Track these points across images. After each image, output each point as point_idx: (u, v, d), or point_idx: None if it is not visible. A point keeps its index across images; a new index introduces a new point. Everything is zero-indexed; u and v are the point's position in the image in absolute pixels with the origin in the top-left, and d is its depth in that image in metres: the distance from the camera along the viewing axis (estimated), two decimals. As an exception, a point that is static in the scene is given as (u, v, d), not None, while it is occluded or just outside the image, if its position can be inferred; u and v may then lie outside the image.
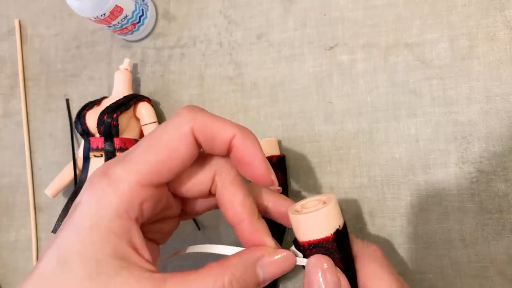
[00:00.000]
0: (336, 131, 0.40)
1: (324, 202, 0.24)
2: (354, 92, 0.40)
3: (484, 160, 0.37)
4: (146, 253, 0.21)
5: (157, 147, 0.21)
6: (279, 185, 0.39)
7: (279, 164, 0.39)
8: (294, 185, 0.41)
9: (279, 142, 0.41)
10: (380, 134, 0.39)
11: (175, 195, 0.24)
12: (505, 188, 0.36)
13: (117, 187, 0.20)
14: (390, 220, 0.38)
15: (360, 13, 0.41)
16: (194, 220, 0.43)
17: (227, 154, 0.23)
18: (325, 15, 0.42)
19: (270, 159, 0.38)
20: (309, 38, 0.42)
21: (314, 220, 0.22)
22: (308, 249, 0.23)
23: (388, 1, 0.41)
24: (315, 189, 0.40)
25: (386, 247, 0.38)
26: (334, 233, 0.22)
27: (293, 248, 0.24)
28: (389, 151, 0.39)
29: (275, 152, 0.39)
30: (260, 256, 0.22)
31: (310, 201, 0.24)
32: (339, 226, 0.23)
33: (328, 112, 0.41)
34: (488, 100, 0.37)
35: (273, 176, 0.23)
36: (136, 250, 0.20)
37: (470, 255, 0.36)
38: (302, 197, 0.40)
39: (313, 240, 0.22)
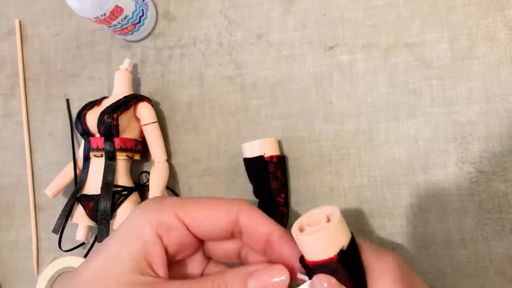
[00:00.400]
0: (336, 131, 0.40)
1: (328, 218, 0.23)
2: (354, 92, 0.40)
3: (484, 160, 0.37)
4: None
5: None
6: (279, 185, 0.39)
7: (279, 164, 0.39)
8: (294, 185, 0.41)
9: (279, 142, 0.41)
10: (380, 134, 0.39)
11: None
12: (504, 188, 0.36)
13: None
14: (390, 220, 0.38)
15: (360, 13, 0.41)
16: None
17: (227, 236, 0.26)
18: (325, 15, 0.42)
19: (270, 159, 0.38)
20: (309, 38, 0.42)
21: (317, 242, 0.22)
22: (313, 269, 0.22)
23: (388, 1, 0.41)
24: (315, 189, 0.40)
25: (386, 247, 0.38)
26: (338, 253, 0.22)
27: (299, 266, 0.23)
28: (389, 151, 0.39)
29: (275, 152, 0.39)
30: (255, 270, 0.23)
31: (314, 215, 0.23)
32: (343, 246, 0.22)
33: (328, 112, 0.41)
34: (487, 100, 0.37)
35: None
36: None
37: (470, 255, 0.36)
38: (302, 197, 0.40)
39: (317, 261, 0.22)
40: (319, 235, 0.21)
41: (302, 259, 0.23)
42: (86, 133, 0.43)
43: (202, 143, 0.44)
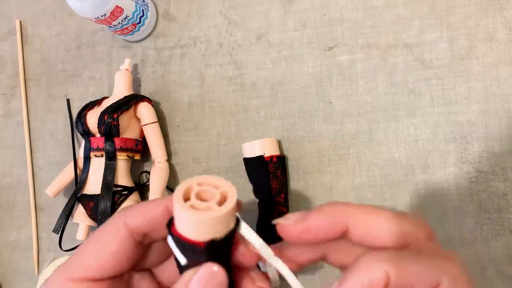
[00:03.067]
0: (336, 131, 0.40)
1: (222, 197, 0.20)
2: (353, 92, 0.40)
3: (483, 160, 0.37)
4: None
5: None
6: (279, 185, 0.39)
7: (279, 164, 0.39)
8: (294, 185, 0.41)
9: (279, 142, 0.42)
10: (379, 134, 0.39)
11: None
12: (504, 188, 0.36)
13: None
14: (389, 219, 0.38)
15: (360, 13, 0.41)
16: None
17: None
18: (324, 15, 0.42)
19: (270, 159, 0.39)
20: (308, 38, 0.42)
21: (195, 222, 0.19)
22: (176, 240, 0.20)
23: (388, 1, 0.41)
24: (315, 189, 0.40)
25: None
26: (207, 242, 0.19)
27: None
28: (389, 151, 0.39)
29: (275, 152, 0.39)
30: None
31: (207, 186, 0.20)
32: (217, 237, 0.19)
33: (328, 112, 0.41)
34: (487, 100, 0.37)
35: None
36: None
37: (469, 255, 0.36)
38: (302, 197, 0.41)
39: (184, 237, 0.19)
40: (202, 217, 0.19)
41: (170, 224, 0.21)
42: (87, 133, 0.43)
43: (202, 143, 0.44)
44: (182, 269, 0.20)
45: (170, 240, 0.20)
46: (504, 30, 0.38)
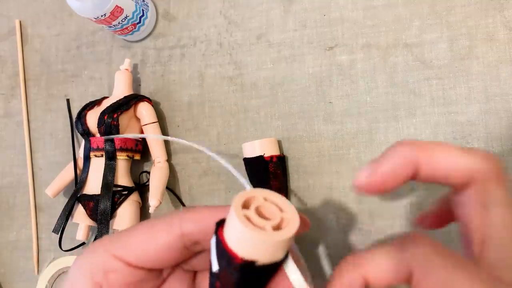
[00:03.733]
0: (336, 131, 0.40)
1: (282, 224, 0.18)
2: (353, 92, 0.40)
3: (484, 160, 0.37)
4: None
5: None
6: (279, 185, 0.39)
7: (279, 164, 0.39)
8: (294, 185, 0.41)
9: (279, 142, 0.42)
10: (379, 134, 0.39)
11: None
12: (504, 188, 0.36)
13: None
14: (390, 220, 0.38)
15: (360, 13, 0.41)
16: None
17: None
18: (324, 15, 0.42)
19: (270, 159, 0.39)
20: (308, 38, 0.42)
21: (247, 238, 0.17)
22: (219, 244, 0.19)
23: (388, 1, 0.41)
24: (315, 189, 0.40)
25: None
26: (245, 260, 0.18)
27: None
28: (389, 151, 0.39)
29: (275, 152, 0.39)
30: None
31: (268, 202, 0.19)
32: (258, 260, 0.18)
33: (328, 112, 0.41)
34: (487, 100, 0.37)
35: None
36: None
37: (470, 255, 0.36)
38: (302, 197, 0.41)
39: (226, 246, 0.18)
40: (251, 234, 0.17)
41: (219, 225, 0.19)
42: (87, 133, 0.43)
43: (202, 143, 0.44)
44: (212, 276, 0.19)
45: (212, 241, 0.19)
46: (504, 30, 0.38)
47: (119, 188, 0.42)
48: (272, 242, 0.17)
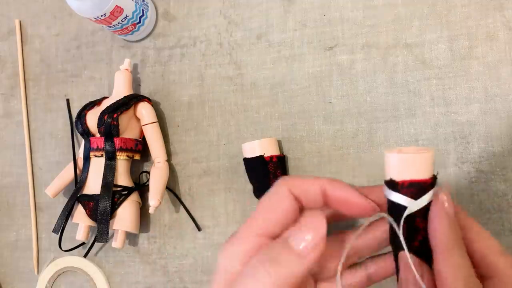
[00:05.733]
0: (336, 131, 0.40)
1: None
2: (353, 92, 0.40)
3: (484, 160, 0.37)
4: None
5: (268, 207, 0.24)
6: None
7: (279, 164, 0.39)
8: (294, 185, 0.41)
9: (279, 142, 0.42)
10: (379, 134, 0.39)
11: None
12: (504, 188, 0.36)
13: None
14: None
15: (360, 13, 0.41)
16: (194, 221, 0.43)
17: (324, 204, 0.25)
18: (324, 15, 0.42)
19: (270, 159, 0.39)
20: (308, 38, 0.42)
21: (417, 161, 0.22)
22: (402, 187, 0.23)
23: (388, 1, 0.41)
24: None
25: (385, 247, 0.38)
26: (432, 177, 0.23)
27: (385, 187, 0.24)
28: (389, 151, 0.39)
29: (275, 152, 0.39)
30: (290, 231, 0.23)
31: (408, 148, 0.24)
32: (435, 174, 0.23)
33: (328, 112, 0.41)
34: (487, 100, 0.37)
35: (373, 204, 0.24)
36: None
37: (470, 255, 0.36)
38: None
39: (411, 179, 0.22)
40: (421, 156, 0.22)
41: (387, 181, 0.23)
42: (86, 133, 0.43)
43: (202, 143, 0.44)
44: (407, 224, 0.23)
45: (390, 195, 0.23)
46: (504, 30, 0.38)
47: (119, 188, 0.42)
48: (432, 154, 0.23)
